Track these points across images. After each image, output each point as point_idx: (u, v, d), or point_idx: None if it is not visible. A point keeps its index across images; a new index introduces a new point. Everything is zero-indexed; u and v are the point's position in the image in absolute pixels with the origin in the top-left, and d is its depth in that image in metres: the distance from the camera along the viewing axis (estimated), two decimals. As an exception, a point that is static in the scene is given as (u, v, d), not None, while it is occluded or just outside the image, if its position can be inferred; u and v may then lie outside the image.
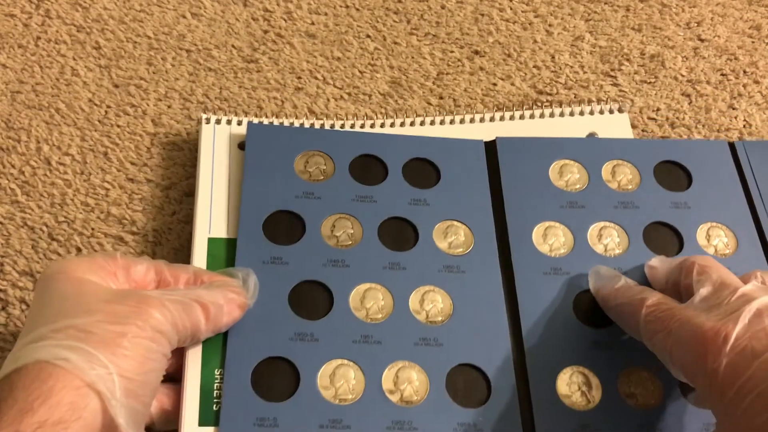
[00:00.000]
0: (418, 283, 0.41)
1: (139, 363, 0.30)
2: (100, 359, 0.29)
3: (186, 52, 0.53)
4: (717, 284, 0.34)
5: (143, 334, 0.31)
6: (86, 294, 0.32)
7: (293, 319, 0.39)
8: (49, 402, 0.27)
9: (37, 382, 0.28)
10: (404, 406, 0.37)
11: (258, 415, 0.36)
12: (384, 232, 0.43)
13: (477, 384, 0.38)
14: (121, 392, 0.29)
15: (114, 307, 0.31)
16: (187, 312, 0.34)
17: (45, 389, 0.27)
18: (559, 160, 0.46)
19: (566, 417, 0.38)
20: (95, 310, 0.31)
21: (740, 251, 0.43)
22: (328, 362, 0.38)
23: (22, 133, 0.48)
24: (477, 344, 0.39)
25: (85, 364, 0.29)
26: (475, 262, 0.42)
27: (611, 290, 0.39)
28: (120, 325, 0.31)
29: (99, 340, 0.30)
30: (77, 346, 0.29)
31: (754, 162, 0.46)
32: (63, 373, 0.28)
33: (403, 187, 0.44)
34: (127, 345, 0.30)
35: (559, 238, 0.43)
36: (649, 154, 0.47)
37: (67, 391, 0.28)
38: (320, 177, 0.44)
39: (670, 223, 0.44)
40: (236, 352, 0.38)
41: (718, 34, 0.55)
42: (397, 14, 0.56)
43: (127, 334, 0.30)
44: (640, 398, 0.38)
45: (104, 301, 0.31)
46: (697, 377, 0.32)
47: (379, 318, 0.40)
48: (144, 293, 0.33)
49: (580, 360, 0.39)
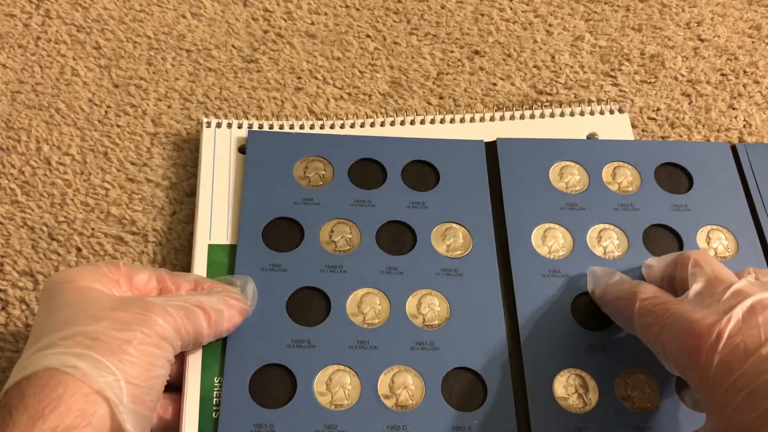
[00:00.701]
0: (416, 287, 0.41)
1: (144, 369, 0.31)
2: (107, 366, 0.30)
3: (186, 52, 0.53)
4: (711, 279, 0.34)
5: (148, 341, 0.32)
6: (91, 301, 0.32)
7: (291, 325, 0.39)
8: (60, 409, 0.28)
9: (47, 390, 0.28)
10: (399, 410, 0.37)
11: (255, 422, 0.37)
12: (382, 236, 0.43)
13: (473, 387, 0.39)
14: (128, 398, 0.30)
15: (119, 314, 0.32)
16: (190, 317, 0.34)
17: (55, 396, 0.28)
18: (560, 162, 0.46)
19: (562, 419, 0.38)
20: (101, 317, 0.31)
21: (740, 254, 0.43)
22: (324, 368, 0.38)
23: (22, 133, 0.48)
24: (473, 347, 0.39)
25: (93, 371, 0.29)
26: (474, 265, 0.42)
27: (606, 286, 0.39)
28: (125, 332, 0.31)
29: (106, 348, 0.30)
30: (85, 353, 0.30)
31: (755, 164, 0.46)
32: (72, 380, 0.29)
33: (401, 191, 0.45)
34: (133, 352, 0.31)
35: (559, 240, 0.43)
36: (649, 156, 0.46)
37: (77, 398, 0.28)
38: (319, 183, 0.44)
39: (670, 226, 0.44)
40: (234, 359, 0.38)
41: (718, 34, 0.55)
42: (397, 14, 0.56)
43: (133, 341, 0.31)
44: (637, 401, 0.38)
45: (109, 308, 0.32)
46: (689, 372, 0.32)
47: (376, 323, 0.40)
48: (148, 300, 0.33)
49: (577, 362, 0.39)
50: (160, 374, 0.32)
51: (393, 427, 0.37)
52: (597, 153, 0.47)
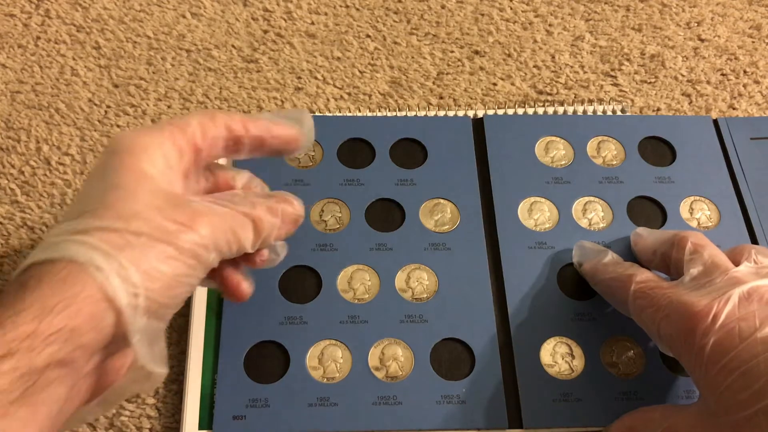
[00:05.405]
0: (405, 262, 0.42)
1: (168, 287, 0.29)
2: (131, 278, 0.28)
3: (186, 52, 0.52)
4: (708, 264, 0.35)
5: (181, 259, 0.30)
6: (141, 193, 0.30)
7: (283, 303, 0.41)
8: (70, 309, 0.27)
9: (65, 285, 0.27)
10: (390, 381, 0.38)
11: (250, 397, 0.38)
12: (371, 213, 0.44)
13: (461, 357, 0.39)
14: (141, 312, 0.28)
15: (161, 221, 0.30)
16: (238, 230, 0.32)
17: (70, 294, 0.27)
18: (545, 137, 0.47)
19: (550, 386, 0.39)
20: (144, 217, 0.29)
21: (722, 224, 0.44)
22: (316, 343, 0.39)
23: (22, 133, 0.48)
24: (462, 319, 0.40)
25: (116, 280, 0.28)
26: (461, 239, 0.43)
27: (598, 264, 0.40)
28: (162, 243, 0.29)
29: (137, 256, 0.28)
30: (114, 255, 0.28)
31: (736, 137, 0.48)
32: (91, 282, 0.27)
33: (390, 169, 0.45)
34: (162, 268, 0.29)
35: (545, 213, 0.44)
36: (633, 130, 0.48)
37: (90, 301, 0.27)
38: (309, 163, 0.45)
39: (654, 198, 0.45)
40: (229, 337, 0.39)
41: (718, 34, 0.55)
42: (397, 14, 0.56)
43: (166, 256, 0.29)
44: (623, 367, 0.39)
45: (156, 208, 0.30)
46: (683, 353, 0.33)
47: (366, 298, 0.41)
48: (196, 208, 0.31)
49: (563, 331, 0.40)
50: (184, 292, 0.31)
51: (383, 397, 0.38)
52: (582, 128, 0.48)
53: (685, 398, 0.39)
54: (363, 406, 0.38)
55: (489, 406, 0.38)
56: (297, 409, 0.37)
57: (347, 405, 0.38)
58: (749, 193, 0.45)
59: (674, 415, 0.34)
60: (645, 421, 0.35)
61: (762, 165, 0.47)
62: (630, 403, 0.38)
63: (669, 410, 0.34)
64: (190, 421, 0.37)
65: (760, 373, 0.29)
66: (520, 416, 0.38)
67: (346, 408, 0.38)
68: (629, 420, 0.36)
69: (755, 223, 0.44)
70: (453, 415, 0.38)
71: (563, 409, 0.38)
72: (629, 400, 0.38)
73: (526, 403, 0.38)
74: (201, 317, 0.40)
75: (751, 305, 0.31)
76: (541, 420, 0.38)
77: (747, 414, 0.29)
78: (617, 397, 0.38)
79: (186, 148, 0.33)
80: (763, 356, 0.29)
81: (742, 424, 0.29)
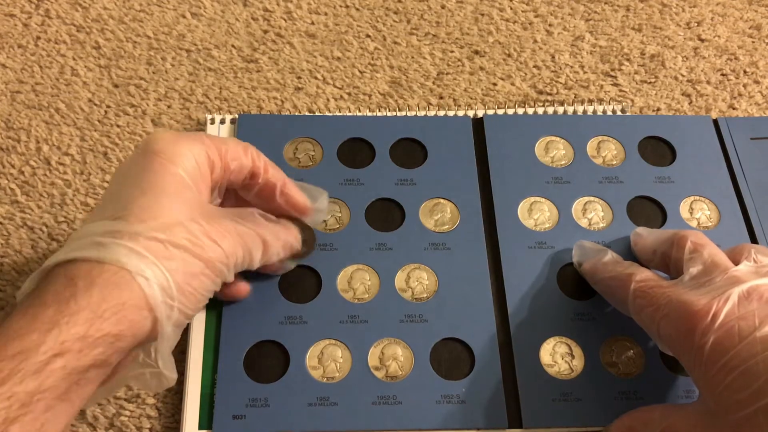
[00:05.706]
0: (404, 262, 0.42)
1: (196, 300, 0.32)
2: (170, 290, 0.30)
3: (186, 52, 0.53)
4: (708, 263, 0.35)
5: (210, 276, 0.32)
6: (181, 203, 0.32)
7: (283, 303, 0.41)
8: (117, 316, 0.29)
9: (115, 291, 0.29)
10: (389, 381, 0.38)
11: (250, 396, 0.38)
12: (371, 213, 0.44)
13: (461, 357, 0.39)
14: (172, 322, 0.31)
15: (199, 236, 0.32)
16: (251, 249, 0.35)
17: (118, 302, 0.29)
18: (545, 137, 0.47)
19: (549, 385, 0.39)
20: (185, 229, 0.31)
21: (722, 224, 0.44)
22: (316, 343, 0.39)
23: (22, 133, 0.48)
24: (461, 319, 0.40)
25: (158, 290, 0.30)
26: (461, 239, 0.43)
27: (598, 264, 0.40)
28: (196, 259, 0.31)
29: (175, 268, 0.31)
30: (159, 266, 0.30)
31: (736, 137, 0.48)
32: (138, 292, 0.29)
33: (390, 168, 0.45)
34: (194, 284, 0.31)
35: (545, 213, 0.44)
36: (633, 130, 0.48)
37: (134, 310, 0.29)
38: (309, 163, 0.45)
39: (654, 197, 0.45)
40: (229, 337, 0.39)
41: (718, 34, 0.55)
42: (397, 14, 0.56)
43: (198, 271, 0.32)
44: (622, 367, 0.39)
45: (194, 221, 0.32)
46: (683, 352, 0.33)
47: (366, 298, 0.41)
48: (226, 227, 0.33)
49: (563, 331, 0.40)
50: (203, 304, 0.33)
51: (383, 397, 0.38)
52: (582, 128, 0.48)
53: (685, 398, 0.39)
54: (363, 406, 0.38)
55: (489, 405, 0.38)
56: (297, 408, 0.37)
57: (347, 405, 0.38)
58: (749, 193, 0.45)
59: (674, 414, 0.34)
60: (644, 421, 0.35)
61: (762, 165, 0.47)
62: (630, 402, 0.38)
63: (668, 410, 0.34)
64: (190, 421, 0.37)
65: (759, 372, 0.29)
66: (519, 416, 0.38)
67: (345, 408, 0.38)
68: (629, 420, 0.36)
69: (755, 222, 0.44)
70: (453, 414, 0.38)
71: (563, 408, 0.38)
72: (629, 400, 0.38)
73: (526, 403, 0.38)
74: (201, 317, 0.40)
75: (751, 304, 0.31)
76: (540, 420, 0.38)
77: (746, 413, 0.29)
78: (617, 396, 0.38)
79: (218, 163, 0.35)
80: (762, 355, 0.29)
81: (741, 423, 0.30)
